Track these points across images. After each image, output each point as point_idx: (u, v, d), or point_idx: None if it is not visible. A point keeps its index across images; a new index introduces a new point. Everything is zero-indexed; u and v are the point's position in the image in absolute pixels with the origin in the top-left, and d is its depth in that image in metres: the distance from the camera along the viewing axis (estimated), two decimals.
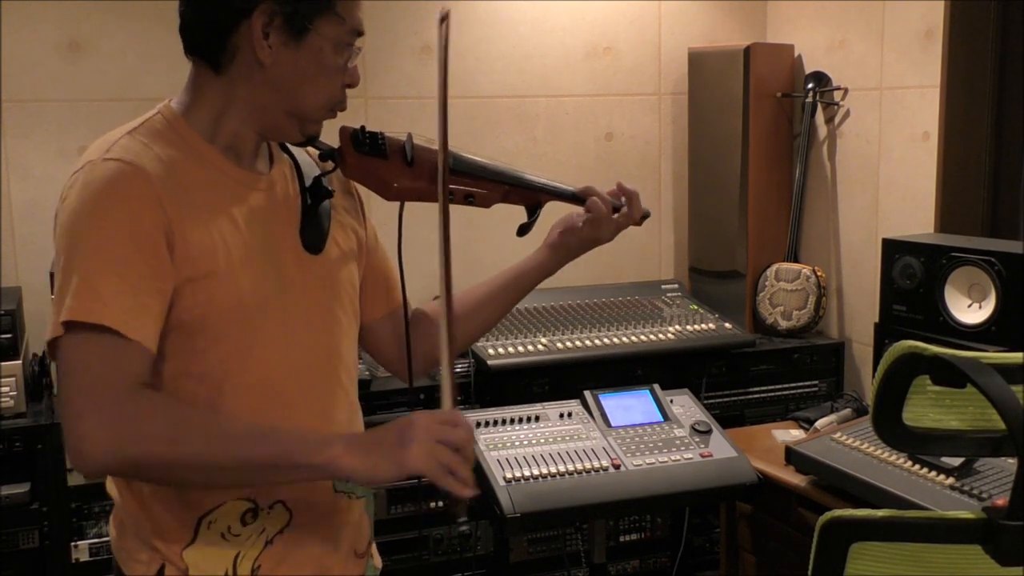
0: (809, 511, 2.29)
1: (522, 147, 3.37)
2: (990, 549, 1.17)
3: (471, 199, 1.54)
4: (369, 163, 1.46)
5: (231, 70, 1.37)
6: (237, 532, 1.39)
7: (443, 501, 1.19)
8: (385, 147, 1.47)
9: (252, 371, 1.37)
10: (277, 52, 1.35)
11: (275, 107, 1.39)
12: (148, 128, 1.37)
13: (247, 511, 1.39)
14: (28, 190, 2.89)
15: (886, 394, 1.21)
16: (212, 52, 1.37)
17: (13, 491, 2.50)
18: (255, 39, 1.34)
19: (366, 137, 1.46)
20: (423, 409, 1.43)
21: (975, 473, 2.04)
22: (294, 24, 1.34)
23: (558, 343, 2.93)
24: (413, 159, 1.47)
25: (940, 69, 2.91)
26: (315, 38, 1.36)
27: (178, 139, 1.37)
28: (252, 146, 1.43)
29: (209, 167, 1.38)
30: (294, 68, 1.36)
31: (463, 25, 3.27)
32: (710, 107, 3.39)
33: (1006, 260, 2.42)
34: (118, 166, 1.30)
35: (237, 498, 1.38)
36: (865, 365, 3.22)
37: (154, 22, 2.90)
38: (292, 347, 1.41)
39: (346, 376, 1.51)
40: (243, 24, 1.34)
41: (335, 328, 1.48)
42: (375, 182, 1.48)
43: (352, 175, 1.48)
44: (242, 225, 1.38)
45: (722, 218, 3.40)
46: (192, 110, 1.40)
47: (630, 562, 3.05)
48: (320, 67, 1.37)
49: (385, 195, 1.49)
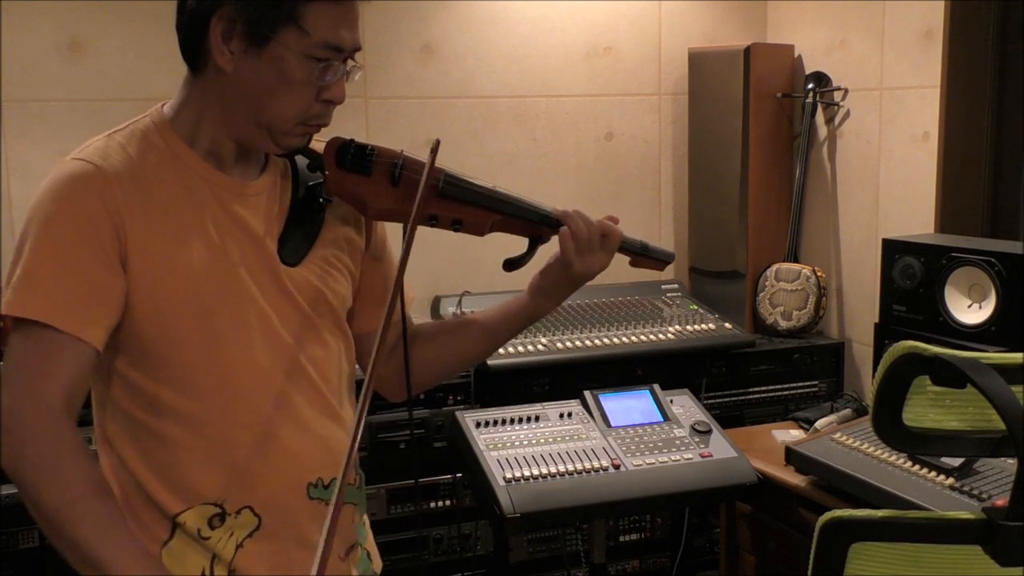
0: (809, 511, 2.29)
1: (522, 147, 3.37)
2: (990, 549, 1.17)
3: (458, 225, 1.46)
4: (349, 179, 1.41)
5: (204, 74, 1.37)
6: (207, 535, 1.38)
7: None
8: (371, 164, 1.41)
9: (217, 378, 1.36)
10: (239, 59, 1.32)
11: (242, 116, 1.36)
12: (131, 131, 1.38)
13: (214, 515, 1.38)
14: (28, 190, 2.89)
15: (886, 394, 1.21)
16: (189, 55, 1.38)
17: (13, 491, 2.49)
18: (214, 44, 1.32)
19: (350, 151, 1.41)
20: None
21: (975, 473, 2.05)
22: (255, 32, 1.31)
23: (558, 343, 2.93)
24: (399, 179, 1.42)
25: (940, 69, 2.91)
26: (277, 48, 1.31)
27: (160, 142, 1.37)
28: (232, 152, 1.41)
29: (186, 171, 1.37)
30: (255, 77, 1.33)
31: (463, 25, 3.27)
32: (710, 107, 3.39)
33: (1006, 260, 2.42)
34: (80, 165, 1.32)
35: (203, 503, 1.38)
36: (865, 365, 3.22)
37: (154, 22, 2.90)
38: (262, 355, 1.39)
39: (325, 386, 1.46)
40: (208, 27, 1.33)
41: (312, 339, 1.44)
42: (354, 199, 1.43)
43: (333, 189, 1.43)
44: (213, 231, 1.36)
45: (722, 218, 3.40)
46: (178, 112, 1.40)
47: (630, 562, 3.05)
48: (283, 78, 1.32)
49: (364, 214, 1.45)
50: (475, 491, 2.52)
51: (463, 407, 2.76)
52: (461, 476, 2.73)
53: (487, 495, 2.26)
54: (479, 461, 2.33)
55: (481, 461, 2.32)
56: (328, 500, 1.43)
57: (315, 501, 1.44)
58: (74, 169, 1.32)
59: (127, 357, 1.35)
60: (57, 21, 2.87)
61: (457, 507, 2.83)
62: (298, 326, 1.43)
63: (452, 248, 3.21)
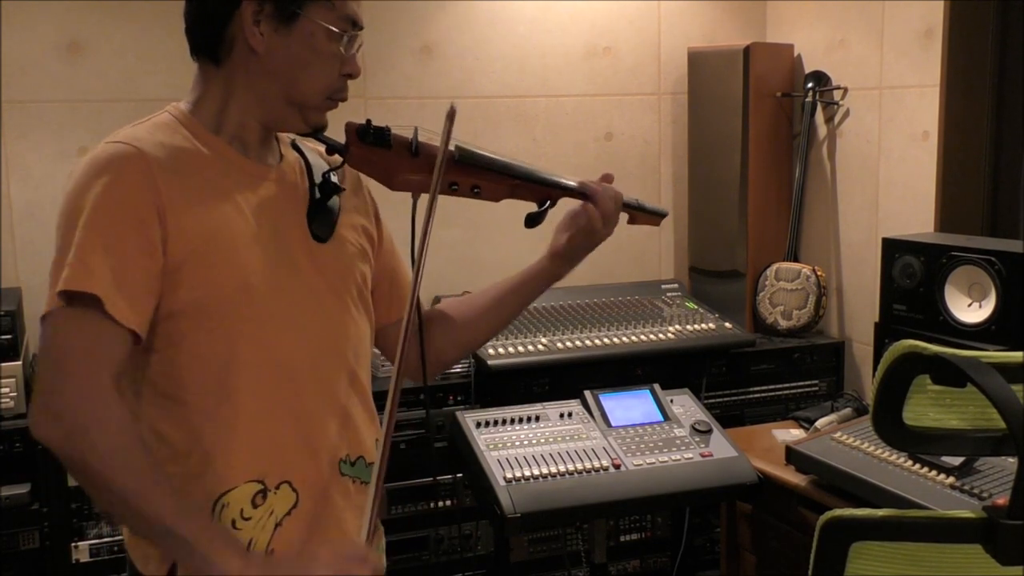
0: (809, 511, 2.28)
1: (522, 147, 3.37)
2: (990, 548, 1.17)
3: (477, 190, 1.55)
4: (373, 153, 1.48)
5: (229, 61, 1.41)
6: (248, 516, 1.40)
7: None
8: (390, 138, 1.50)
9: (261, 352, 1.39)
10: (269, 39, 1.38)
11: (273, 95, 1.42)
12: (155, 122, 1.42)
13: (257, 493, 1.40)
14: (28, 191, 2.89)
15: (886, 393, 1.21)
16: (211, 46, 1.41)
17: (13, 492, 2.50)
18: (246, 26, 1.37)
19: (372, 129, 1.49)
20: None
21: (975, 472, 2.04)
22: (283, 10, 1.37)
23: (558, 343, 2.93)
24: (418, 150, 1.50)
25: (940, 69, 2.91)
26: (305, 24, 1.38)
27: (185, 131, 1.41)
28: (257, 137, 1.46)
29: (216, 155, 1.41)
30: (287, 54, 1.39)
31: (463, 25, 3.28)
32: (710, 107, 3.39)
33: (1006, 260, 2.42)
34: (118, 147, 1.34)
35: (247, 480, 1.39)
36: (865, 365, 3.22)
37: (154, 22, 2.90)
38: (301, 329, 1.43)
39: (355, 362, 1.51)
40: (235, 14, 1.38)
41: (344, 315, 1.50)
42: (379, 172, 1.50)
43: (357, 165, 1.50)
44: (248, 212, 1.41)
45: (722, 218, 3.40)
46: (197, 106, 1.44)
47: (630, 562, 3.05)
48: (313, 53, 1.40)
49: (389, 184, 1.51)
50: (475, 491, 2.52)
51: (463, 407, 2.76)
52: (461, 476, 2.73)
53: (487, 495, 2.26)
54: (479, 461, 2.33)
55: (481, 461, 2.33)
56: (357, 477, 1.49)
57: (345, 478, 1.48)
58: (114, 151, 1.34)
59: (166, 333, 1.36)
60: (57, 21, 2.87)
61: (457, 507, 2.83)
62: (333, 302, 1.49)
63: (452, 248, 3.21)
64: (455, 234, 3.22)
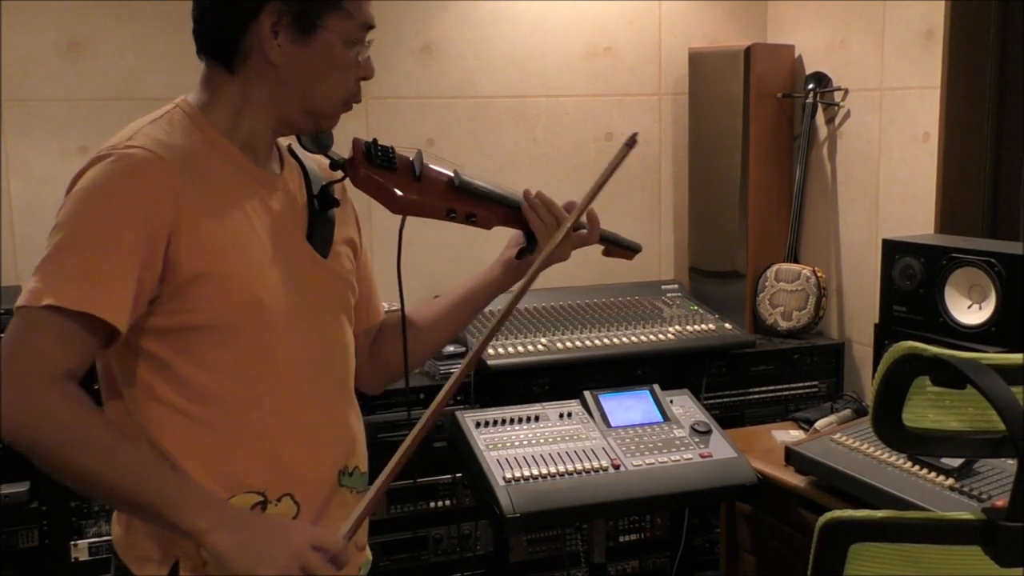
0: (809, 511, 2.28)
1: (522, 147, 3.37)
2: (989, 550, 1.17)
3: (472, 218, 1.59)
4: (379, 175, 1.50)
5: (245, 70, 1.38)
6: None
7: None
8: (395, 161, 1.51)
9: (268, 366, 1.39)
10: (287, 51, 1.36)
11: (291, 105, 1.41)
12: (169, 119, 1.38)
13: (256, 504, 1.39)
14: (28, 190, 2.89)
15: (886, 395, 1.21)
16: (225, 54, 1.38)
17: (13, 490, 2.50)
18: (264, 39, 1.35)
19: (378, 150, 1.50)
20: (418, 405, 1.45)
21: (975, 474, 2.04)
22: (302, 22, 1.35)
23: (558, 343, 2.93)
24: (421, 175, 1.53)
25: (940, 70, 2.91)
26: (324, 35, 1.37)
27: (198, 132, 1.38)
28: (267, 144, 1.45)
29: (230, 162, 1.39)
30: (306, 66, 1.38)
31: (463, 25, 3.28)
32: (710, 107, 3.39)
33: (1006, 261, 2.42)
34: (142, 154, 1.30)
35: (246, 491, 1.38)
36: (865, 366, 3.22)
37: (154, 22, 2.89)
38: (305, 343, 1.43)
39: (348, 374, 1.54)
40: (252, 24, 1.35)
41: (339, 329, 1.52)
42: (383, 194, 1.51)
43: (361, 185, 1.51)
44: (257, 225, 1.39)
45: (722, 218, 3.40)
46: (210, 106, 1.40)
47: (630, 562, 3.05)
48: (332, 63, 1.39)
49: (391, 207, 1.53)
50: (475, 491, 2.52)
51: (463, 407, 2.76)
52: (461, 476, 2.73)
53: (487, 495, 2.26)
54: (479, 461, 2.33)
55: (481, 461, 2.32)
56: (355, 487, 1.50)
57: (344, 488, 1.48)
58: (138, 159, 1.30)
59: (173, 345, 1.34)
60: (57, 21, 2.87)
61: (457, 507, 2.83)
62: (332, 316, 1.50)
63: (452, 248, 3.22)
64: (455, 234, 3.21)
